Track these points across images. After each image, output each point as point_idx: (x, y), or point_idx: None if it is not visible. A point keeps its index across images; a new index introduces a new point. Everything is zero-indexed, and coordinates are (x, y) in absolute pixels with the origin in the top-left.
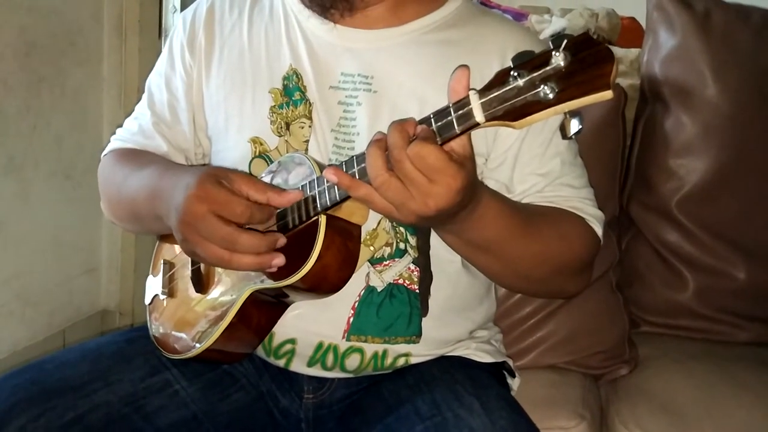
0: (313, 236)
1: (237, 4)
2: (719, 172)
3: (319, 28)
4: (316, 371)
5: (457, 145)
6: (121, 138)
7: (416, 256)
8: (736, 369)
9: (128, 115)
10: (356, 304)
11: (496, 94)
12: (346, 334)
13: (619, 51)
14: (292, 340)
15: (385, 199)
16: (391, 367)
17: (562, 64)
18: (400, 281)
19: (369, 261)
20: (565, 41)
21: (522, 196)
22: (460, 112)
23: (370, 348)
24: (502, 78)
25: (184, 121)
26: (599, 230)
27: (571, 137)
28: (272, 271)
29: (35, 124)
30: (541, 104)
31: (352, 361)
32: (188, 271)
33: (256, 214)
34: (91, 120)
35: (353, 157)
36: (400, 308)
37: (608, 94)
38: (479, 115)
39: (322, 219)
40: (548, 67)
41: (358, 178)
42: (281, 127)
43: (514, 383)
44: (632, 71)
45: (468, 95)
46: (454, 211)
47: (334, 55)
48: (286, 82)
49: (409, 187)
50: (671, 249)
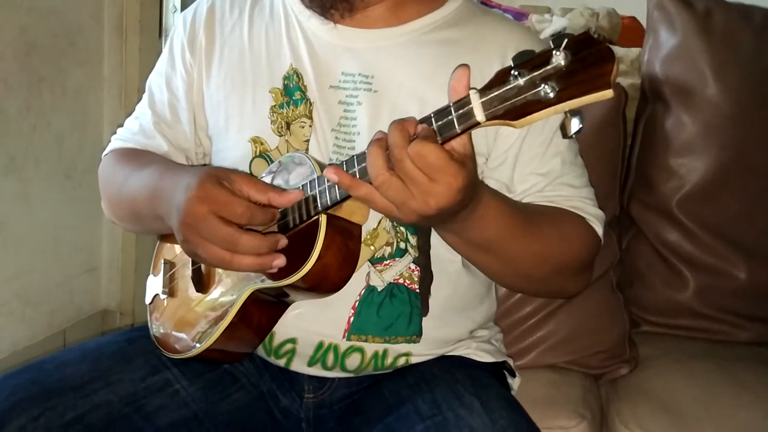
0: (313, 236)
1: (237, 4)
2: (720, 171)
3: (319, 28)
4: (317, 371)
5: (458, 144)
6: (122, 138)
7: (417, 255)
8: (737, 369)
9: (129, 114)
10: (357, 303)
11: (496, 93)
12: (346, 334)
13: (619, 50)
14: (293, 340)
15: (386, 199)
16: (391, 367)
17: (563, 63)
18: (401, 281)
19: (369, 260)
20: (566, 40)
21: (522, 196)
22: (461, 111)
23: (371, 347)
24: (503, 77)
25: (184, 120)
26: (600, 230)
27: (571, 136)
28: (273, 271)
29: (36, 123)
30: (542, 103)
31: (353, 361)
32: (189, 271)
33: (257, 216)
34: (92, 120)
35: (353, 157)
36: (401, 308)
37: (609, 94)
38: (480, 115)
39: (323, 218)
40: (549, 67)
41: (359, 177)
42: (282, 127)
43: (515, 383)
44: (633, 71)
45: (468, 94)
46: (455, 210)
47: (335, 54)
48: (286, 82)
49: (410, 186)
50: (672, 248)
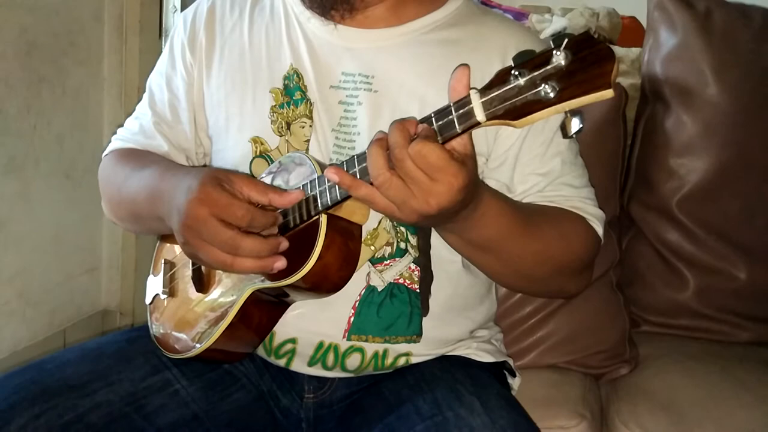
0: (314, 235)
1: (238, 4)
2: (720, 171)
3: (319, 29)
4: (317, 371)
5: (458, 144)
6: (122, 138)
7: (417, 255)
8: (737, 369)
9: (129, 114)
10: (357, 303)
11: (496, 93)
12: (346, 334)
13: (619, 50)
14: (293, 340)
15: (387, 198)
16: (391, 367)
17: (563, 63)
18: (401, 281)
19: (370, 260)
20: (566, 40)
21: (523, 196)
22: (461, 111)
23: (371, 347)
24: (503, 77)
25: (184, 120)
26: (600, 230)
27: (572, 136)
28: (273, 272)
29: (36, 123)
30: (542, 103)
31: (353, 361)
32: (189, 271)
33: (257, 219)
34: (92, 120)
35: (354, 157)
36: (401, 308)
37: (609, 93)
38: (480, 114)
39: (323, 218)
40: (549, 66)
41: (359, 177)
42: (282, 127)
43: (515, 383)
44: (633, 71)
45: (469, 94)
46: (456, 209)
47: (335, 54)
48: (286, 82)
49: (411, 185)
50: (672, 248)
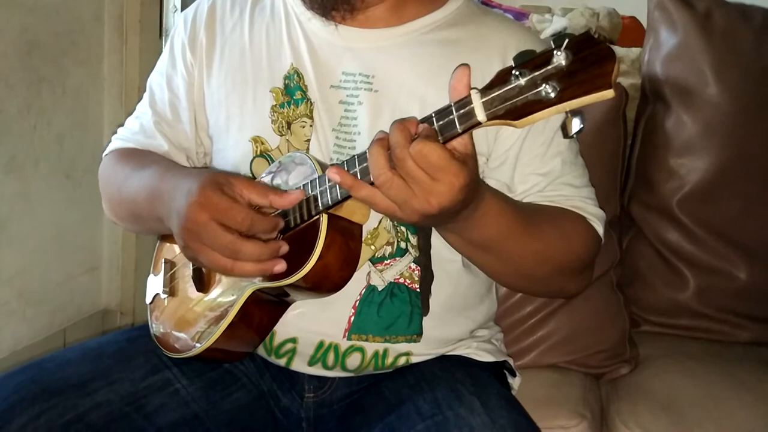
0: (314, 235)
1: (238, 4)
2: (720, 171)
3: (320, 29)
4: (317, 370)
5: (459, 143)
6: (122, 137)
7: (417, 255)
8: (737, 369)
9: (129, 114)
10: (357, 303)
11: (497, 93)
12: (347, 333)
13: (620, 50)
14: (293, 339)
15: (388, 198)
16: (391, 367)
17: (564, 63)
18: (401, 280)
19: (370, 260)
20: (567, 40)
21: (523, 196)
22: (462, 111)
23: (371, 347)
24: (504, 77)
25: (185, 119)
26: (600, 229)
27: (572, 136)
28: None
29: (36, 123)
30: (543, 103)
31: (353, 360)
32: (189, 271)
33: (257, 224)
34: (92, 119)
35: (355, 157)
36: (401, 307)
37: (610, 93)
38: (481, 114)
39: (324, 218)
40: (550, 66)
41: (360, 177)
42: (282, 127)
43: (515, 382)
44: (633, 71)
45: (469, 94)
46: (457, 209)
47: (335, 54)
48: (287, 82)
49: (412, 185)
50: (672, 248)
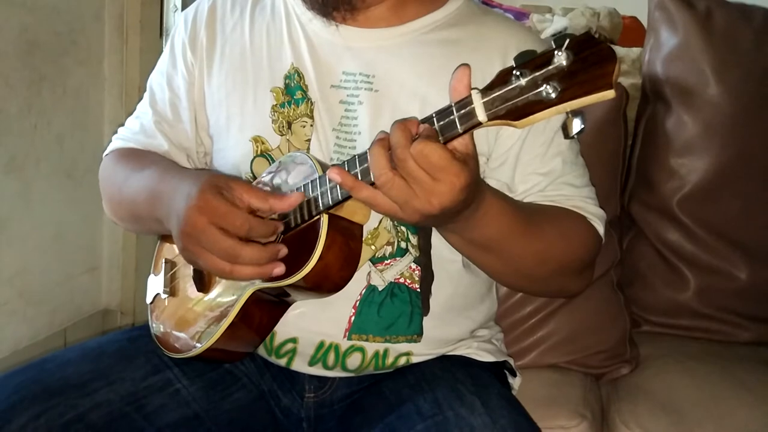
0: (315, 235)
1: (239, 3)
2: (720, 171)
3: (320, 28)
4: (318, 370)
5: (460, 144)
6: (123, 137)
7: (417, 255)
8: (737, 369)
9: (129, 114)
10: (357, 303)
11: (498, 94)
12: (347, 333)
13: (620, 50)
14: (294, 339)
15: (389, 198)
16: (392, 367)
17: (565, 63)
18: (402, 280)
19: (370, 260)
20: (568, 41)
21: (524, 196)
22: (463, 111)
23: (371, 347)
24: (505, 77)
25: (185, 119)
26: (601, 229)
27: (573, 137)
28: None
29: (36, 123)
30: (544, 103)
31: (354, 361)
32: (190, 270)
33: (256, 228)
34: (93, 119)
35: (355, 157)
36: (402, 307)
37: (610, 94)
38: (481, 115)
39: (324, 218)
40: (551, 67)
41: (361, 177)
42: (283, 126)
43: (515, 382)
44: (634, 70)
45: (470, 94)
46: (458, 209)
47: (336, 54)
48: (287, 81)
49: (413, 185)
50: (672, 248)
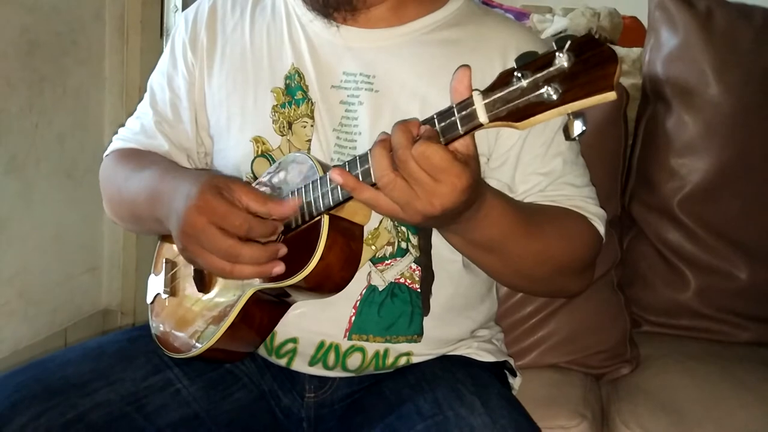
0: (316, 236)
1: (239, 4)
2: (721, 171)
3: (321, 29)
4: (318, 370)
5: (461, 145)
6: (123, 137)
7: (418, 255)
8: (737, 369)
9: (130, 114)
10: (358, 303)
11: (499, 95)
12: (347, 333)
13: (620, 50)
14: (294, 339)
15: (391, 199)
16: (392, 367)
17: (566, 65)
18: (402, 280)
19: (371, 260)
20: (569, 42)
21: (524, 196)
22: (464, 112)
23: (372, 347)
24: (506, 79)
25: (186, 119)
26: (602, 229)
27: (574, 139)
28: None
29: (37, 123)
30: (545, 105)
31: (354, 361)
32: (190, 270)
33: (255, 228)
34: (93, 119)
35: (356, 158)
36: (402, 307)
37: (612, 96)
38: (483, 116)
39: (325, 219)
40: (552, 68)
41: (362, 178)
42: (283, 127)
43: (516, 382)
44: (634, 71)
45: (471, 96)
46: (460, 210)
47: (336, 54)
48: (288, 82)
49: (414, 186)
50: (673, 249)
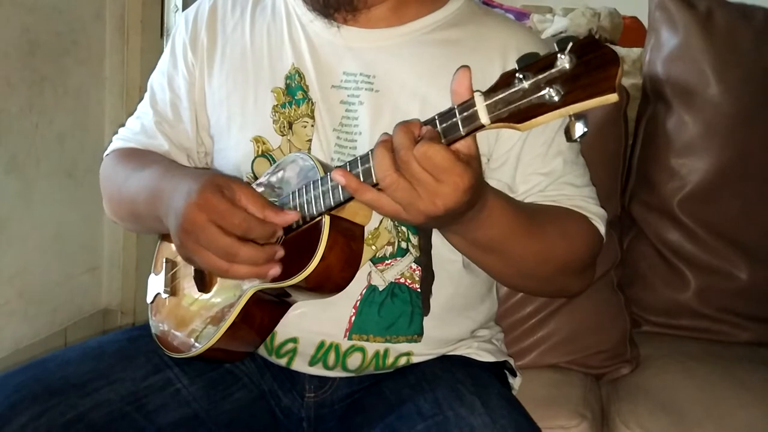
0: (316, 236)
1: (239, 4)
2: (721, 171)
3: (321, 29)
4: (318, 370)
5: (463, 145)
6: (124, 137)
7: (418, 255)
8: (737, 369)
9: (130, 114)
10: (358, 303)
11: (501, 96)
12: (347, 333)
13: (621, 50)
14: (294, 339)
15: (394, 200)
16: (392, 367)
17: (568, 66)
18: (402, 280)
19: (371, 260)
20: (571, 44)
21: (525, 196)
22: (465, 113)
23: (372, 347)
24: (507, 80)
25: (186, 119)
26: (602, 228)
27: (575, 140)
28: (268, 279)
29: (37, 122)
30: (546, 106)
31: (354, 360)
32: (191, 270)
33: (254, 229)
34: (93, 119)
35: (357, 158)
36: (402, 307)
37: (613, 97)
38: (484, 117)
39: (326, 219)
40: (554, 70)
41: (363, 178)
42: (284, 127)
43: (516, 382)
44: (634, 71)
45: (473, 97)
46: (462, 210)
47: (336, 54)
48: (288, 81)
49: (417, 187)
50: (673, 249)
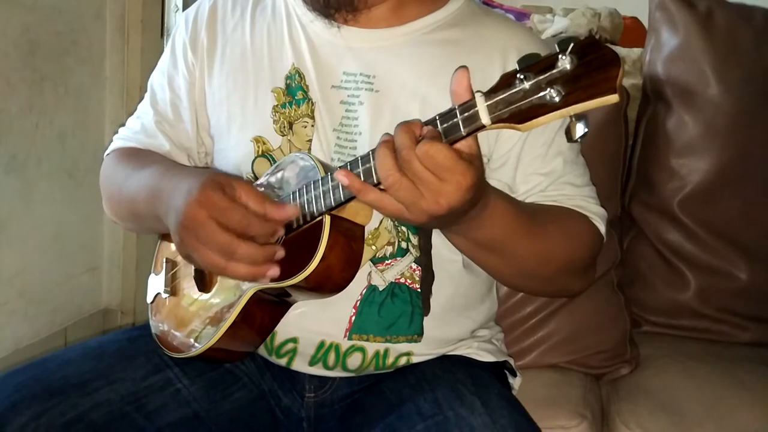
0: (317, 236)
1: (239, 4)
2: (721, 171)
3: (322, 29)
4: (318, 370)
5: (464, 145)
6: (124, 137)
7: (418, 255)
8: (737, 369)
9: (130, 114)
10: (358, 303)
11: (502, 97)
12: (347, 333)
13: (621, 51)
14: (294, 339)
15: (397, 200)
16: (392, 367)
17: (569, 67)
18: (402, 280)
19: (371, 260)
20: (572, 44)
21: (525, 196)
22: (466, 114)
23: (372, 347)
24: (508, 80)
25: (186, 119)
26: (603, 228)
27: (576, 140)
28: (266, 280)
29: (38, 122)
30: (547, 107)
31: (354, 360)
32: (191, 270)
33: (254, 226)
34: (94, 119)
35: (358, 158)
36: (402, 307)
37: (614, 98)
38: (485, 118)
39: (327, 219)
40: (555, 70)
41: (363, 178)
42: (284, 127)
43: (516, 382)
44: (635, 71)
45: (474, 97)
46: (465, 209)
47: (336, 54)
48: (288, 82)
49: (420, 186)
50: (673, 249)
